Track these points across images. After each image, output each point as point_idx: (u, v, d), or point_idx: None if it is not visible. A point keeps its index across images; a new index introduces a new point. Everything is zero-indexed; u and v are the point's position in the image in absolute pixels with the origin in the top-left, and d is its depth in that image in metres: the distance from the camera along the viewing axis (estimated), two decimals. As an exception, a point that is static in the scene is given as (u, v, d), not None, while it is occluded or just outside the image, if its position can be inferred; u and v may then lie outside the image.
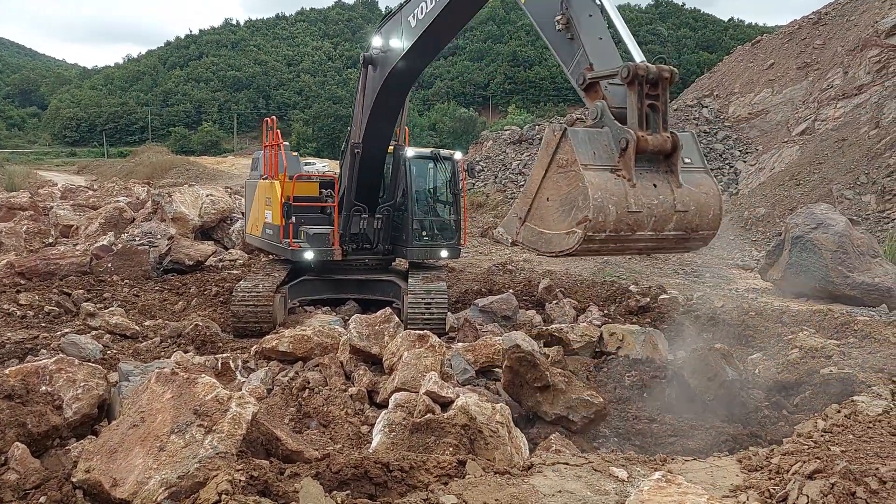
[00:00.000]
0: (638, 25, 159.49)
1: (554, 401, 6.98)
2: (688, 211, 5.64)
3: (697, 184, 5.76)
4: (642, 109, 5.61)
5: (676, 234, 5.69)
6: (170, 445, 4.50)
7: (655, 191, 5.54)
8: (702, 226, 5.79)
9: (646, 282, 15.13)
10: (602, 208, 5.28)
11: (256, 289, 11.12)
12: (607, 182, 5.38)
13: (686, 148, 5.82)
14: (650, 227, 5.54)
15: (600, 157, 5.51)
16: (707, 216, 5.77)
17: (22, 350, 8.92)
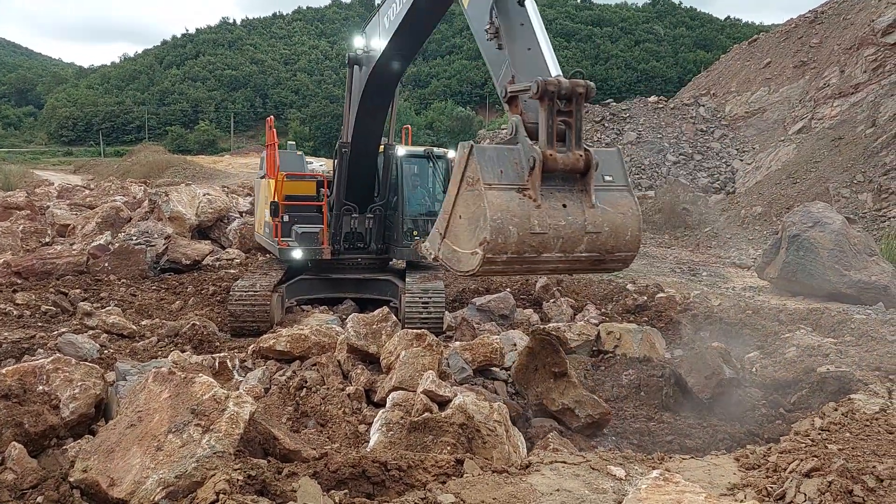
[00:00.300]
0: (634, 24, 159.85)
1: (565, 391, 7.00)
2: (600, 232, 5.38)
3: (615, 204, 5.49)
4: (552, 126, 5.36)
5: (589, 255, 5.44)
6: (167, 445, 4.50)
7: (564, 211, 5.29)
8: (618, 247, 5.50)
9: (643, 280, 15.14)
10: (501, 230, 5.08)
11: (254, 288, 11.11)
12: (510, 202, 5.16)
13: (608, 165, 5.58)
14: (558, 249, 5.30)
15: (507, 176, 5.27)
16: (623, 237, 5.49)
17: (19, 350, 8.90)
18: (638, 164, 30.43)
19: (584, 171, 5.39)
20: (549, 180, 5.30)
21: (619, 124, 32.79)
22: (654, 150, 31.07)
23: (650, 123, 32.80)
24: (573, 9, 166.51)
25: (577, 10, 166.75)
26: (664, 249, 22.67)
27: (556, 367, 7.09)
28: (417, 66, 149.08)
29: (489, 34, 6.30)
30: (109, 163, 70.15)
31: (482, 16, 6.40)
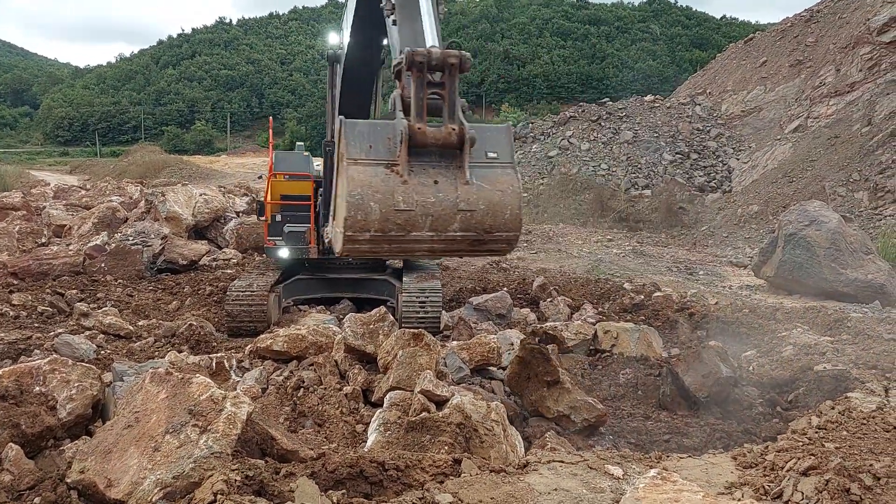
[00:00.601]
0: (630, 23, 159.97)
1: (559, 398, 6.99)
2: (475, 210, 5.06)
3: (494, 181, 5.18)
4: (421, 98, 5.05)
5: (465, 235, 5.12)
6: (164, 445, 4.49)
7: (435, 188, 5.00)
8: (496, 227, 5.16)
9: (640, 279, 15.16)
10: (361, 206, 4.83)
11: (250, 288, 11.09)
12: (374, 178, 4.90)
13: (493, 142, 5.29)
14: (428, 228, 5.00)
15: (377, 151, 5.00)
16: (502, 216, 5.15)
17: (15, 350, 8.88)
18: (634, 164, 30.46)
19: (459, 146, 5.08)
20: (423, 156, 5.04)
21: (616, 123, 32.81)
22: (651, 149, 31.10)
23: (647, 122, 32.83)
24: (570, 8, 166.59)
25: (573, 9, 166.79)
26: (661, 248, 22.70)
27: (548, 375, 7.08)
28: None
29: (387, 11, 6.11)
30: (105, 163, 70.01)
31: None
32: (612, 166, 30.48)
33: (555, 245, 22.21)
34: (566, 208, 28.83)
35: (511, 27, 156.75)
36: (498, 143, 5.35)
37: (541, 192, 30.21)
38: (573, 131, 32.88)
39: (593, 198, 28.49)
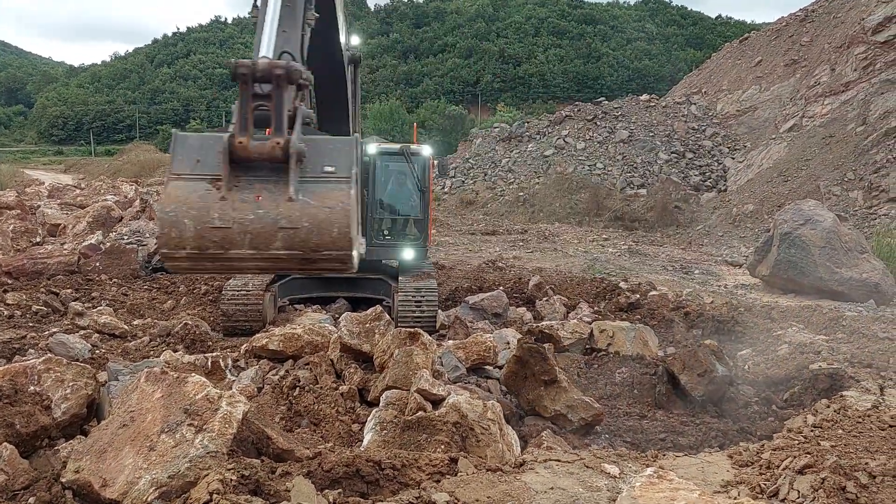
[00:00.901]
0: (626, 23, 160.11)
1: (556, 397, 7.00)
2: (298, 228, 4.81)
3: (323, 196, 4.92)
4: (244, 110, 4.91)
5: (290, 253, 4.87)
6: (160, 445, 4.47)
7: (255, 204, 4.81)
8: (323, 245, 4.88)
9: (635, 278, 15.18)
10: (175, 223, 4.64)
11: (246, 287, 11.07)
12: (192, 194, 4.73)
13: (333, 155, 5.08)
14: (248, 246, 4.78)
15: (204, 166, 4.82)
16: (329, 234, 4.87)
17: (9, 350, 8.84)
18: (630, 163, 30.50)
19: (284, 159, 4.86)
20: (253, 171, 4.85)
21: (611, 122, 32.85)
22: (646, 149, 31.15)
23: (642, 122, 32.88)
24: (565, 7, 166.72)
25: (568, 8, 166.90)
26: (656, 248, 22.74)
27: (546, 374, 7.09)
28: (409, 64, 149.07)
29: (251, 15, 5.96)
30: (100, 162, 69.86)
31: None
32: (607, 165, 30.52)
33: (551, 244, 22.23)
34: (562, 207, 28.85)
35: (507, 26, 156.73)
36: (338, 156, 5.10)
37: (536, 191, 30.23)
38: (569, 130, 32.91)
39: (589, 197, 28.52)
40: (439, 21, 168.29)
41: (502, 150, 33.99)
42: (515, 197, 30.49)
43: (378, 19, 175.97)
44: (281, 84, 4.93)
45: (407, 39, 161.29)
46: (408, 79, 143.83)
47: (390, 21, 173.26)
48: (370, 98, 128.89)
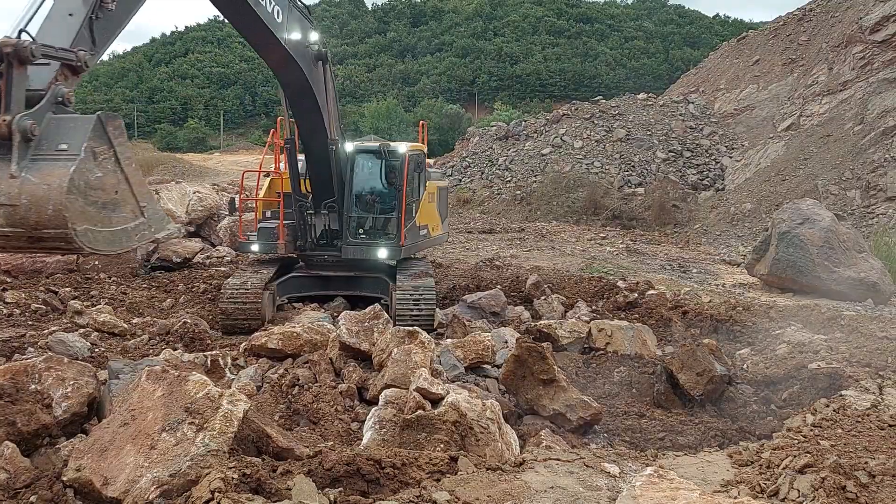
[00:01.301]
0: (622, 21, 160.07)
1: (555, 396, 7.01)
2: (17, 205, 4.78)
3: (46, 174, 4.87)
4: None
5: (14, 231, 4.87)
6: (161, 443, 4.48)
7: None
8: (43, 223, 4.83)
9: (633, 277, 15.20)
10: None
11: (245, 286, 11.08)
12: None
13: (69, 134, 5.04)
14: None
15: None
16: (45, 212, 4.79)
17: (9, 348, 8.83)
18: (628, 161, 30.52)
19: (8, 137, 4.88)
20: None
21: (609, 121, 32.87)
22: (644, 147, 31.17)
23: (640, 120, 32.90)
24: (562, 5, 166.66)
25: (565, 6, 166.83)
26: (654, 246, 22.76)
27: (544, 374, 7.11)
28: (407, 63, 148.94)
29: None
30: (98, 160, 69.55)
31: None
32: (605, 164, 30.53)
33: (548, 243, 22.24)
34: (559, 206, 28.86)
35: (504, 25, 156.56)
36: (74, 135, 5.09)
37: (534, 189, 30.24)
38: (566, 129, 32.93)
39: (586, 196, 28.53)
40: (437, 20, 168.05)
41: (499, 148, 33.98)
42: (513, 195, 30.50)
43: (375, 18, 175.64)
44: (12, 62, 4.94)
45: (404, 38, 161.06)
46: (405, 77, 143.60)
47: (388, 20, 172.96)
48: (367, 97, 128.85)
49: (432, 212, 13.35)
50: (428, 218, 12.99)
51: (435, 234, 13.56)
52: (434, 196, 13.46)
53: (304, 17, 10.56)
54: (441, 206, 14.14)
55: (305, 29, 10.47)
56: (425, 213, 12.82)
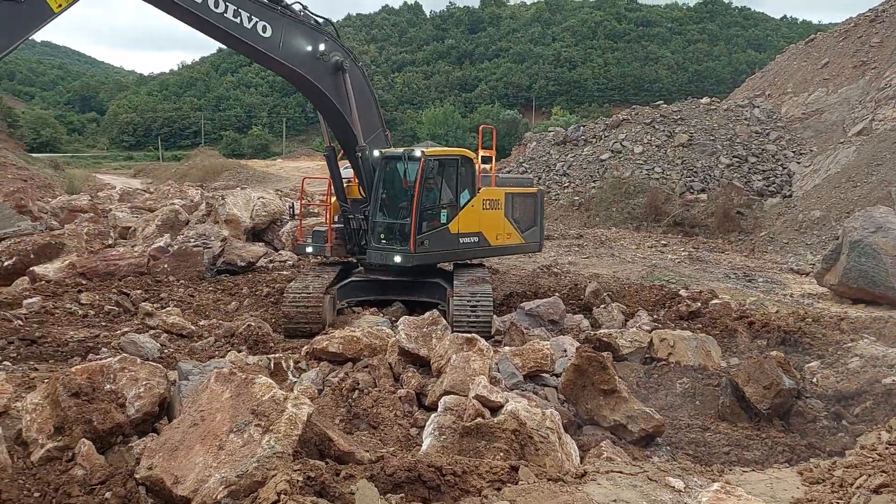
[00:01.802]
0: (685, 25, 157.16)
1: (616, 407, 6.92)
2: None
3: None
4: None
5: None
6: (229, 444, 4.60)
7: None
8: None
9: (696, 286, 14.89)
10: None
11: (307, 290, 11.28)
12: None
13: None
14: None
15: None
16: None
17: (84, 348, 9.22)
18: (690, 167, 29.89)
19: None
20: None
21: (670, 126, 32.26)
22: (707, 153, 30.48)
23: (702, 125, 32.18)
24: (622, 10, 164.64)
25: (625, 10, 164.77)
26: (717, 254, 22.23)
27: (605, 384, 7.02)
28: (464, 69, 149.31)
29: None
30: (167, 167, 72.11)
31: None
32: (666, 169, 29.97)
33: (607, 250, 21.96)
34: (619, 212, 28.47)
35: (562, 30, 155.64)
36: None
37: (592, 195, 29.90)
38: (626, 134, 32.46)
39: (647, 202, 28.06)
40: (494, 26, 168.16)
41: (557, 153, 33.72)
42: (570, 201, 30.23)
43: (434, 25, 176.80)
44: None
45: (462, 45, 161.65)
46: (462, 84, 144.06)
47: (446, 27, 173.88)
48: (425, 103, 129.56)
49: (489, 219, 12.64)
50: (479, 225, 12.46)
51: (503, 242, 12.96)
52: (497, 203, 12.78)
53: (315, 30, 10.89)
54: (517, 213, 13.25)
55: (315, 41, 10.73)
56: (472, 220, 12.32)
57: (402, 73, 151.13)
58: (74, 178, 42.64)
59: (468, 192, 12.39)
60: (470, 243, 12.43)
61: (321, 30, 11.04)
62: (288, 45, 10.40)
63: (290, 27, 10.50)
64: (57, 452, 5.07)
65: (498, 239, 12.86)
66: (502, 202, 12.92)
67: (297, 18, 10.65)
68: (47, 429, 5.18)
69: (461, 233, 12.18)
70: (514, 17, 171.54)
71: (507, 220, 13.02)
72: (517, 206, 13.32)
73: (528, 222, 13.61)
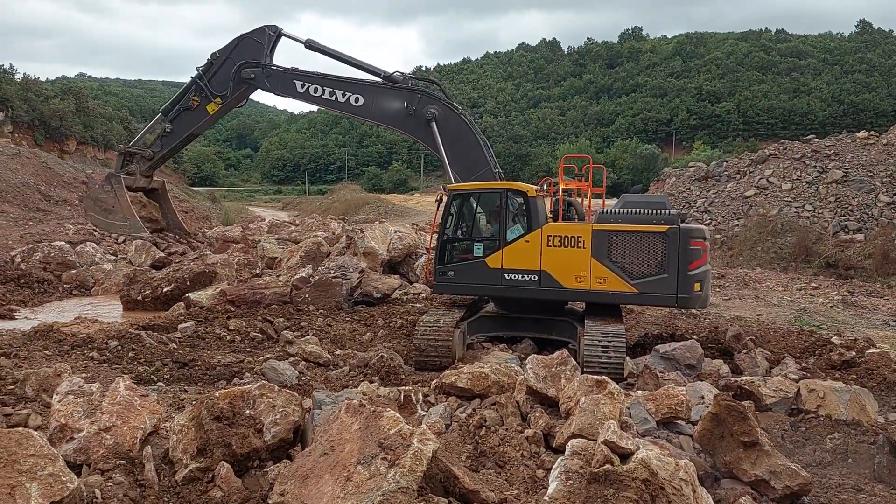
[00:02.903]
0: (840, 55, 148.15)
1: (757, 461, 6.51)
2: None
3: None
4: None
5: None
6: (356, 476, 4.73)
7: None
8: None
9: (850, 333, 13.80)
10: None
11: (438, 324, 11.46)
12: None
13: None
14: None
15: None
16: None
17: (230, 372, 9.82)
18: (844, 205, 27.93)
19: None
20: None
21: (822, 161, 30.35)
22: (864, 190, 28.37)
23: (859, 161, 30.04)
24: (769, 41, 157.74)
25: (773, 42, 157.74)
26: (875, 299, 20.48)
27: (745, 435, 6.60)
28: (602, 104, 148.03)
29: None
30: (313, 200, 76.21)
31: None
32: (817, 208, 28.18)
33: (751, 291, 20.81)
34: (764, 252, 26.97)
35: (707, 63, 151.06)
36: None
37: (735, 233, 28.56)
38: (773, 170, 30.86)
39: (796, 241, 26.43)
40: (633, 60, 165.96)
41: (698, 189, 32.56)
42: (712, 240, 29.01)
43: (571, 61, 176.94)
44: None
45: (600, 80, 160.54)
46: (599, 118, 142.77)
47: (583, 62, 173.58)
48: (561, 139, 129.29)
49: (562, 258, 11.39)
50: (543, 263, 11.44)
51: (590, 286, 11.34)
52: (577, 240, 11.32)
53: (406, 91, 13.11)
54: (620, 255, 11.24)
55: (406, 100, 13.01)
56: (526, 257, 11.51)
57: (538, 108, 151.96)
58: (229, 211, 45.88)
59: (521, 226, 11.77)
60: (524, 281, 11.56)
61: (413, 90, 13.22)
62: (380, 107, 13.29)
63: (379, 93, 13.25)
64: (199, 473, 5.39)
65: (579, 282, 11.38)
66: (587, 241, 11.34)
67: (388, 85, 13.37)
68: (191, 450, 5.52)
69: (506, 268, 11.59)
70: (654, 52, 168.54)
71: (599, 261, 11.27)
72: (618, 247, 11.29)
73: (643, 268, 11.23)
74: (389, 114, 13.16)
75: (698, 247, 11.08)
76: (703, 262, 11.20)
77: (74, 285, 18.62)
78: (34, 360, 9.75)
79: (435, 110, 12.87)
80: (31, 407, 7.10)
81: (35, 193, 35.04)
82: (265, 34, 15.46)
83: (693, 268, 11.02)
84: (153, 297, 16.47)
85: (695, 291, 11.17)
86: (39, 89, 72.29)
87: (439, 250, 11.99)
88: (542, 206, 11.98)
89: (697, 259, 11.05)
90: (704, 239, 11.27)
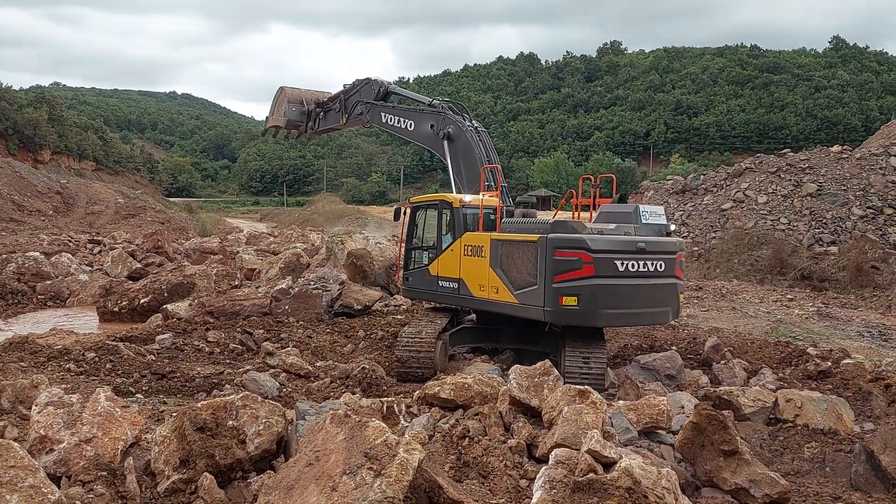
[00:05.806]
0: (813, 70, 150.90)
1: (737, 470, 6.58)
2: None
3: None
4: None
5: None
6: (341, 486, 4.71)
7: None
8: None
9: (825, 344, 14.00)
10: None
11: (420, 335, 11.45)
12: None
13: None
14: None
15: None
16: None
17: (209, 384, 9.74)
18: (819, 218, 28.36)
19: None
20: None
21: (797, 175, 30.81)
22: (838, 203, 28.84)
23: (832, 175, 30.54)
24: (745, 56, 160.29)
25: (749, 57, 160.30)
26: (850, 311, 20.79)
27: (725, 444, 6.68)
28: (579, 117, 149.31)
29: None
30: (291, 211, 75.85)
31: None
32: (792, 221, 28.58)
33: (728, 303, 21.04)
34: (741, 264, 27.28)
35: (683, 77, 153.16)
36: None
37: (713, 246, 28.86)
38: (749, 183, 31.27)
39: (771, 253, 26.75)
40: (612, 74, 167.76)
41: (675, 202, 32.90)
42: (689, 252, 29.28)
43: (550, 74, 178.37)
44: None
45: (578, 93, 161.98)
46: (577, 132, 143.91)
47: (562, 76, 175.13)
48: (540, 152, 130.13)
49: (472, 267, 11.28)
50: (460, 272, 11.50)
51: (488, 296, 11.09)
52: (480, 249, 11.12)
53: (434, 112, 14.21)
54: (506, 264, 10.77)
55: (432, 121, 14.11)
56: (452, 265, 11.61)
57: (517, 121, 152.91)
58: (206, 222, 45.53)
59: (451, 235, 11.87)
60: (448, 288, 11.75)
61: (438, 111, 14.20)
62: (419, 129, 14.48)
63: (420, 117, 14.40)
64: (181, 484, 5.34)
65: (482, 291, 11.15)
66: (486, 249, 10.99)
67: (427, 109, 14.47)
68: (173, 461, 5.47)
69: (440, 276, 11.97)
70: (632, 66, 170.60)
71: (493, 271, 10.89)
72: (505, 256, 10.77)
73: (523, 278, 10.51)
74: (425, 135, 14.34)
75: (566, 257, 10.05)
76: (579, 275, 10.05)
77: (49, 296, 18.38)
78: (9, 371, 9.60)
79: (450, 129, 13.81)
80: (8, 419, 7.00)
81: (8, 203, 34.57)
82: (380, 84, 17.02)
83: (560, 280, 10.06)
84: (130, 309, 16.31)
85: (562, 305, 10.17)
86: (12, 98, 71.45)
87: (405, 259, 13.06)
88: (469, 216, 11.81)
89: (567, 271, 10.03)
90: (581, 249, 10.02)
